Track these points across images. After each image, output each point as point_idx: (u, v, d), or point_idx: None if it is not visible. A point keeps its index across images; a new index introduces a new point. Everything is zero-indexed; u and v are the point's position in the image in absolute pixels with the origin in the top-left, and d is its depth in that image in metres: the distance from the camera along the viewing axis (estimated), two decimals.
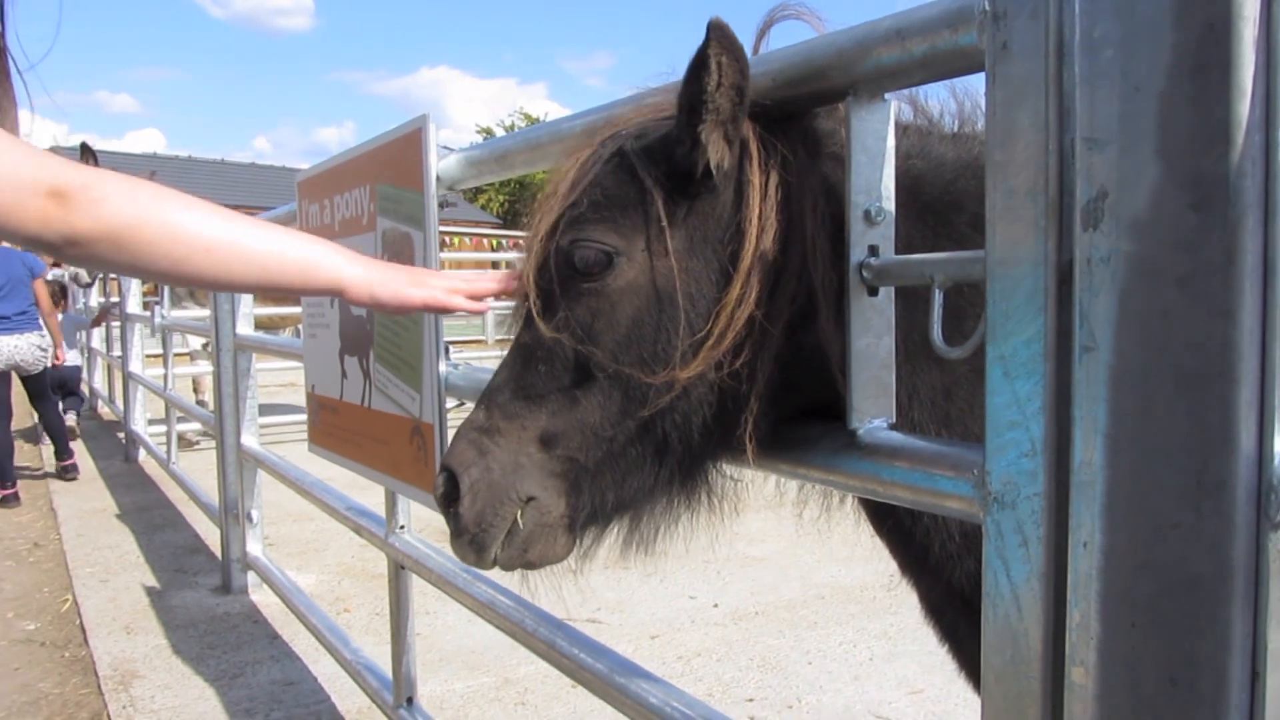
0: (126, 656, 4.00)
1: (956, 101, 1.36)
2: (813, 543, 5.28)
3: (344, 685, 3.56)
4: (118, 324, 9.42)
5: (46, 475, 7.87)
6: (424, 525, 2.87)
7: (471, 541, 1.26)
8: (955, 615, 1.41)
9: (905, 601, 4.41)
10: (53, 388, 8.06)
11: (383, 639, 3.23)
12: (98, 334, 11.68)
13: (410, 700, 2.76)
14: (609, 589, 4.61)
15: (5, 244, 7.62)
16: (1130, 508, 0.78)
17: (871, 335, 1.16)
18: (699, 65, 1.13)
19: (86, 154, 9.29)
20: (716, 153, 1.17)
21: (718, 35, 1.11)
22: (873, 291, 1.15)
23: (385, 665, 2.93)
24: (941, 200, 1.28)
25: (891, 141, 1.15)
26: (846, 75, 1.12)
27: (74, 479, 7.68)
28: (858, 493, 1.25)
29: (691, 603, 4.50)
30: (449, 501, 1.28)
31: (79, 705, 3.66)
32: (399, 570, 2.77)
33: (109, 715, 3.49)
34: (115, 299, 9.55)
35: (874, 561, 4.94)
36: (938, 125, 1.38)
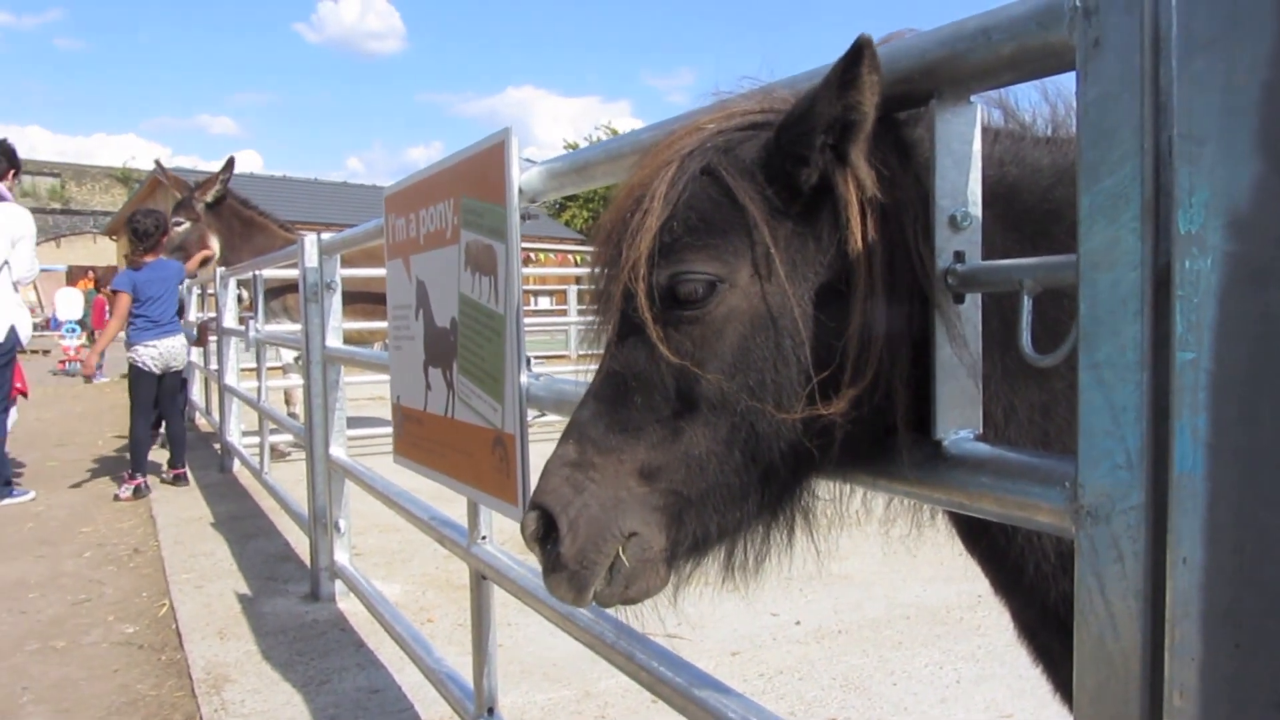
0: (219, 661, 4.11)
1: (1049, 104, 1.32)
2: (898, 561, 5.18)
3: (427, 694, 3.60)
4: (214, 338, 9.74)
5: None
6: (506, 537, 2.89)
7: (571, 579, 1.23)
8: (1049, 636, 1.36)
9: (994, 623, 4.29)
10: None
11: (465, 649, 3.25)
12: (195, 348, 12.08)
13: (491, 711, 2.77)
14: (689, 604, 4.56)
15: (163, 256, 8.41)
16: (1234, 522, 0.74)
17: (957, 344, 1.13)
18: (845, 83, 1.10)
19: (229, 168, 9.86)
20: (840, 173, 1.14)
21: (869, 54, 1.08)
22: (958, 298, 1.12)
23: (467, 675, 2.95)
24: (1039, 208, 1.24)
25: (978, 145, 1.12)
26: (931, 78, 1.10)
27: (184, 485, 8.06)
28: (943, 505, 1.22)
29: (773, 620, 4.45)
30: (543, 540, 1.25)
31: (174, 707, 3.77)
32: (481, 580, 2.79)
33: (202, 718, 3.58)
34: (213, 315, 9.87)
35: (961, 581, 4.83)
36: (1030, 129, 1.33)
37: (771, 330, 1.16)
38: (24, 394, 7.92)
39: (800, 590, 4.84)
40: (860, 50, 1.08)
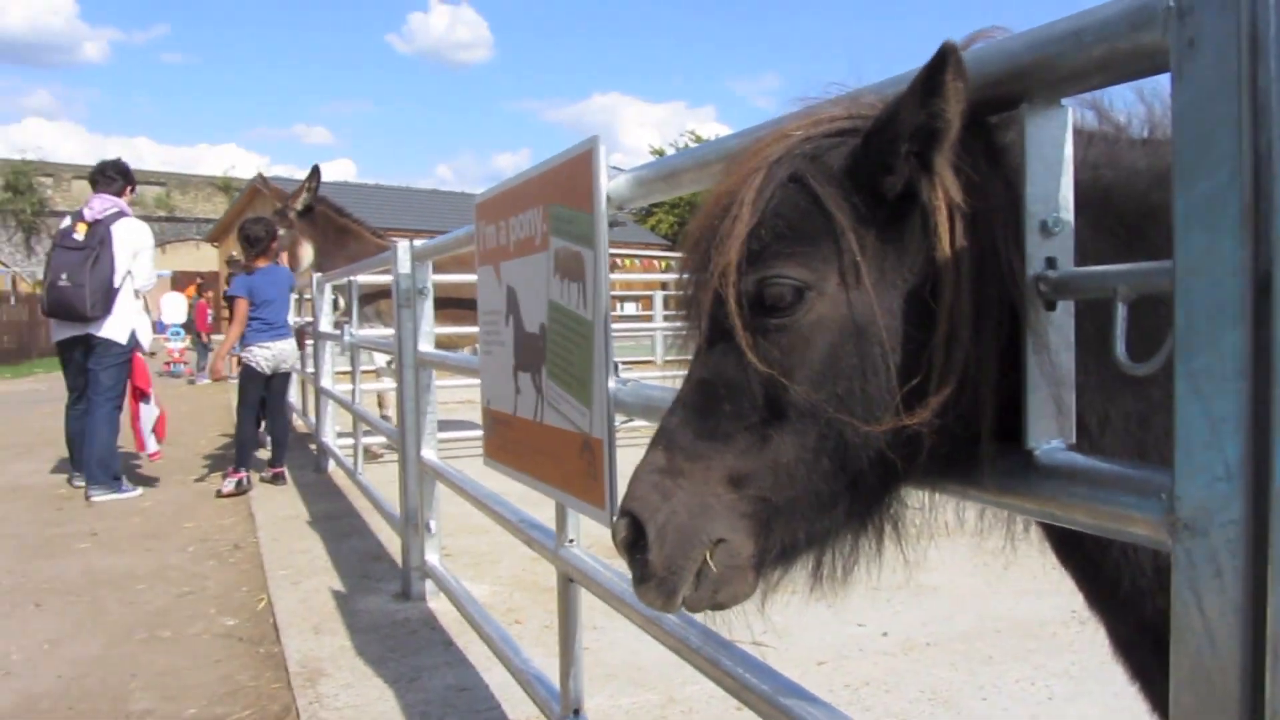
0: (314, 655, 4.23)
1: (1144, 104, 1.28)
2: (989, 573, 5.07)
3: (514, 694, 3.65)
4: (311, 342, 10.03)
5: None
6: (592, 541, 2.92)
7: (659, 586, 1.24)
8: (1145, 652, 1.32)
9: (1088, 640, 4.18)
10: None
11: (551, 651, 3.29)
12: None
13: (577, 712, 2.80)
14: (775, 612, 4.54)
15: (277, 262, 8.86)
16: None
17: (1049, 351, 1.11)
18: (929, 90, 1.09)
19: (315, 176, 10.17)
20: (925, 181, 1.13)
21: (954, 60, 1.07)
22: (1050, 306, 1.11)
23: (554, 677, 2.98)
24: (1136, 213, 1.21)
25: (1070, 150, 1.10)
26: (1020, 82, 1.08)
27: (281, 484, 8.34)
28: (1034, 516, 1.20)
29: (860, 630, 4.40)
30: (633, 547, 1.26)
31: (271, 699, 3.89)
32: (568, 583, 2.82)
33: (298, 710, 3.69)
34: (309, 319, 10.16)
35: (1054, 595, 4.71)
36: (1125, 131, 1.30)
37: (859, 339, 1.16)
38: (146, 394, 8.35)
39: (887, 601, 4.78)
40: (945, 57, 1.07)
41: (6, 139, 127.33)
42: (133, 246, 8.01)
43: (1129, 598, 1.25)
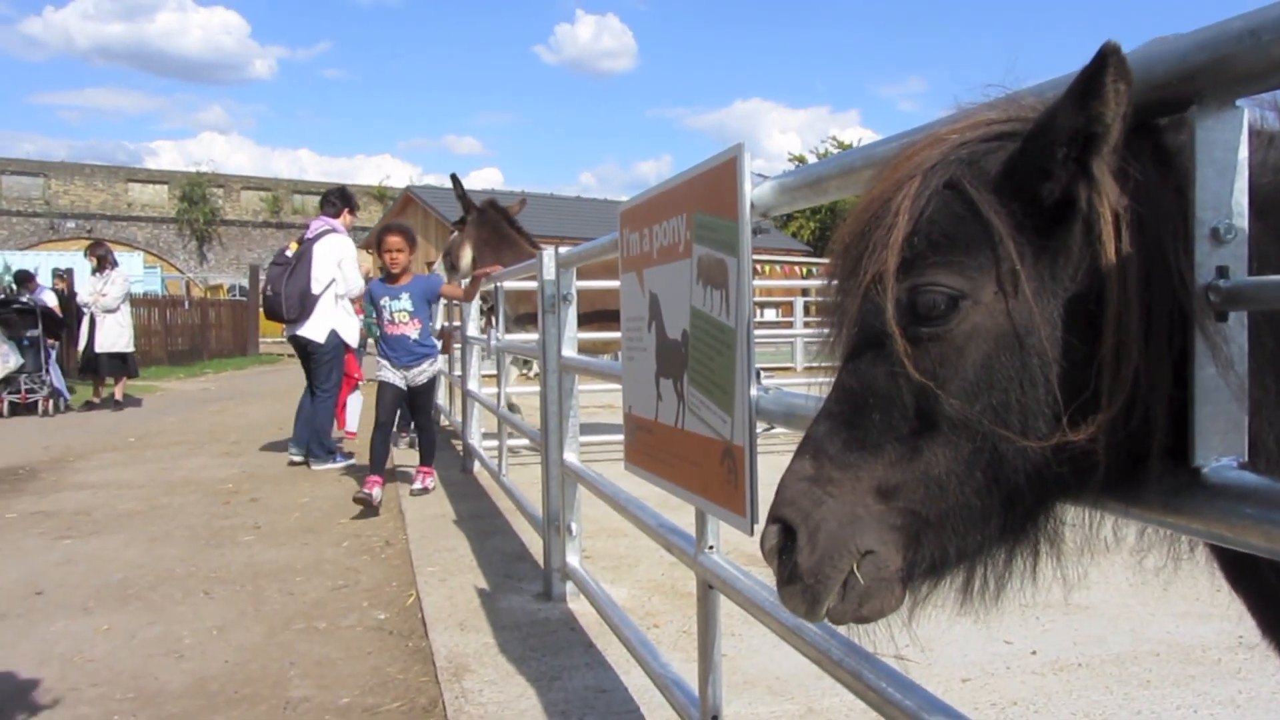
0: (460, 651, 4.36)
1: None
2: (1147, 594, 4.83)
3: (652, 698, 3.67)
4: (458, 345, 10.37)
5: (399, 471, 8.73)
6: (732, 548, 2.92)
7: (805, 593, 1.23)
8: None
9: (1258, 668, 3.94)
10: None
11: (689, 656, 3.30)
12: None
13: (715, 719, 2.80)
14: (918, 626, 4.44)
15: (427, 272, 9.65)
16: None
17: (1220, 364, 1.06)
18: (1088, 92, 1.06)
19: (456, 183, 11.30)
20: (1085, 187, 1.10)
21: (1115, 61, 1.03)
22: (1221, 316, 1.05)
23: (692, 682, 2.99)
24: None
25: (1244, 153, 1.05)
26: (1191, 83, 1.03)
27: (424, 494, 8.57)
28: (1201, 537, 1.14)
29: (1007, 648, 4.25)
30: (782, 553, 1.26)
31: (419, 691, 4.03)
32: (707, 590, 2.83)
33: (444, 704, 3.81)
34: (457, 324, 10.52)
35: (1219, 620, 4.47)
36: None
37: (1018, 350, 1.13)
38: (355, 383, 9.95)
39: (1037, 618, 4.60)
40: (1105, 58, 1.03)
41: (183, 153, 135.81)
42: (335, 258, 9.53)
43: None
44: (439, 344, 8.92)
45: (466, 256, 10.62)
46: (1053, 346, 1.12)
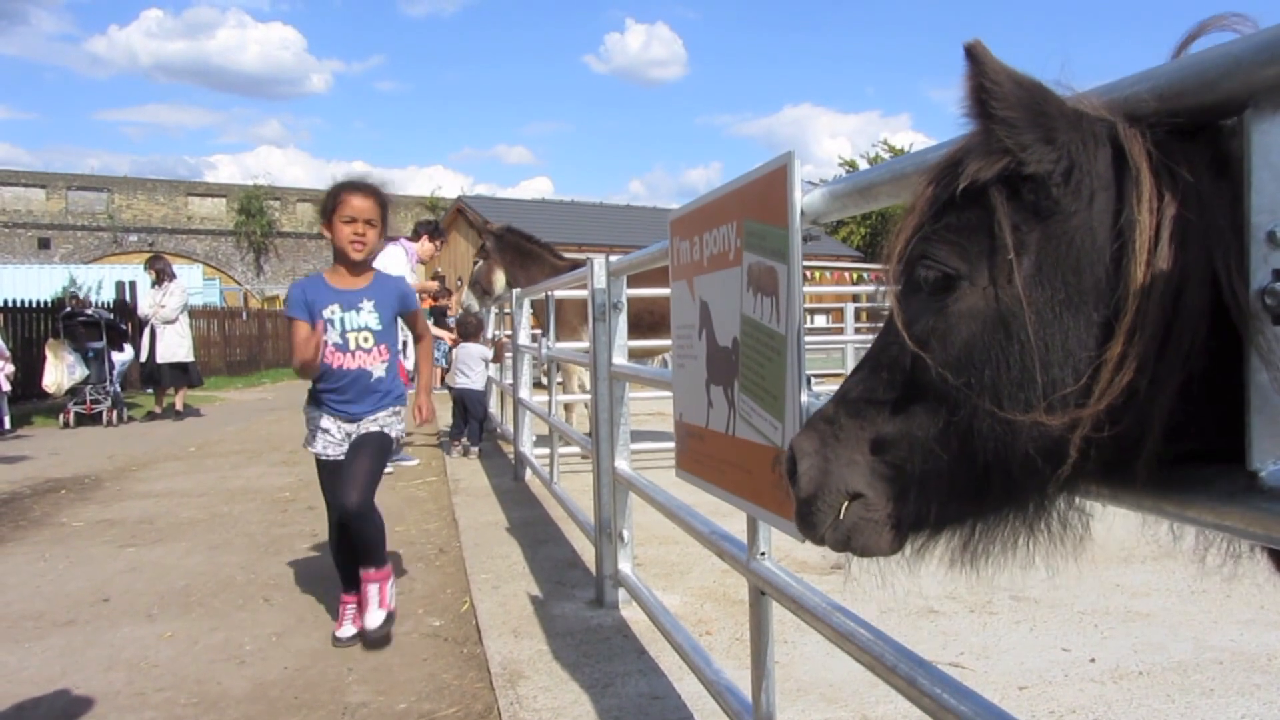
0: (514, 658, 4.39)
1: None
2: (1208, 600, 4.74)
3: (705, 705, 3.68)
4: (509, 354, 10.48)
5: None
6: (784, 554, 2.92)
7: (800, 519, 1.35)
8: None
9: None
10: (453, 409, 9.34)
11: (742, 663, 3.30)
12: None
13: None
14: (974, 634, 4.41)
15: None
16: None
17: (1276, 368, 1.05)
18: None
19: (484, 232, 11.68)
20: (1038, 163, 1.14)
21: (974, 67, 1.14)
22: (1278, 320, 1.04)
23: (745, 689, 2.99)
24: None
25: None
26: (1245, 86, 1.03)
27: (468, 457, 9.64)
28: (1260, 541, 1.13)
29: (1065, 655, 4.19)
30: (792, 478, 1.38)
31: (474, 698, 4.07)
32: (760, 596, 2.83)
33: (499, 710, 3.84)
34: (509, 332, 10.65)
35: None
36: None
37: (1003, 334, 1.17)
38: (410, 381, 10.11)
39: (1095, 625, 4.53)
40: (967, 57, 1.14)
41: (241, 166, 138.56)
42: (379, 264, 9.66)
43: None
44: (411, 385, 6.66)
45: (500, 280, 11.16)
46: (1041, 337, 1.14)
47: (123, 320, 17.27)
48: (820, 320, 23.12)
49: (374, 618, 4.82)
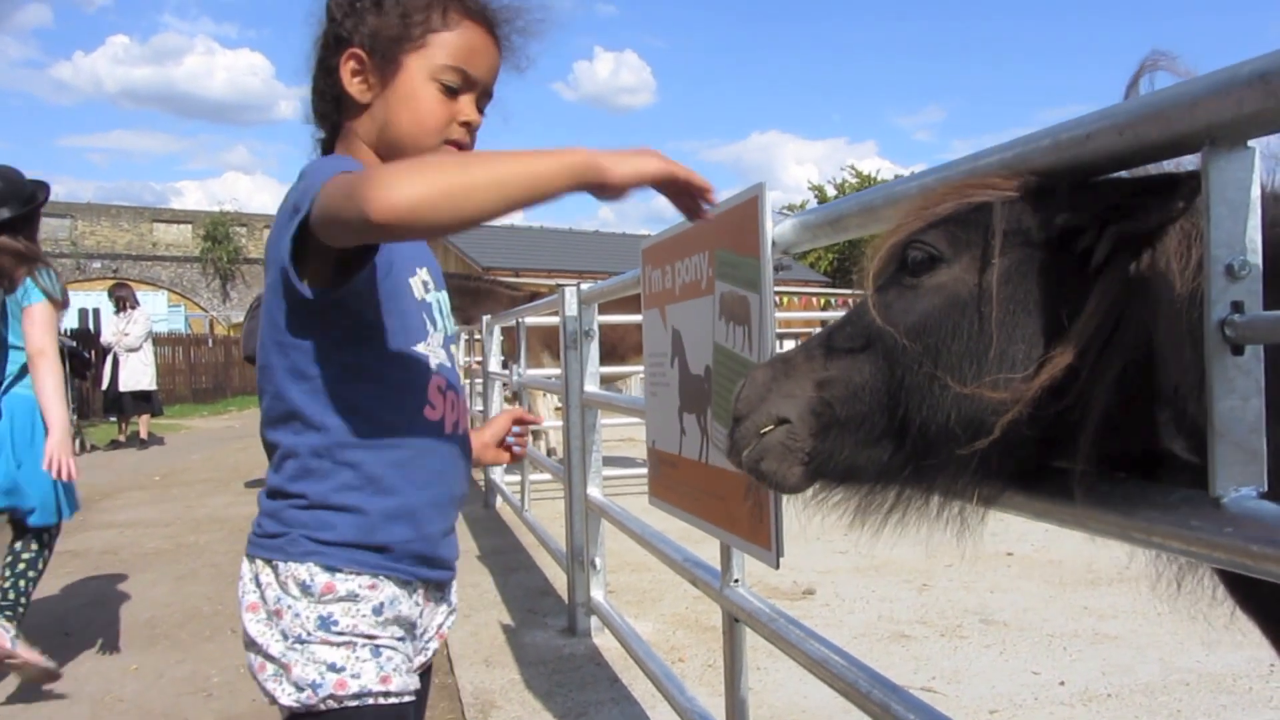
0: (486, 688, 4.36)
1: None
2: (1174, 623, 4.79)
3: None
4: (479, 381, 10.45)
5: None
6: (757, 581, 2.93)
7: (729, 437, 1.43)
8: None
9: None
10: None
11: (715, 690, 3.30)
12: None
13: None
14: (945, 658, 4.43)
15: None
16: None
17: (1237, 397, 1.08)
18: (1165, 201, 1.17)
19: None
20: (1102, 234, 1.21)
21: (1189, 189, 1.16)
22: (1237, 350, 1.08)
23: (719, 717, 2.99)
24: None
25: (1256, 191, 1.08)
26: (1204, 125, 1.07)
27: None
28: (1223, 565, 1.16)
29: (1035, 679, 4.23)
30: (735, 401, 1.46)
31: None
32: (733, 623, 2.84)
33: None
34: (479, 359, 10.63)
35: (1250, 647, 4.43)
36: None
37: (963, 314, 1.26)
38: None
39: (1064, 648, 4.58)
40: (1193, 192, 1.15)
41: (208, 192, 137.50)
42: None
43: None
44: None
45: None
46: (1000, 326, 1.23)
47: (85, 349, 17.06)
48: (790, 345, 23.13)
49: None
